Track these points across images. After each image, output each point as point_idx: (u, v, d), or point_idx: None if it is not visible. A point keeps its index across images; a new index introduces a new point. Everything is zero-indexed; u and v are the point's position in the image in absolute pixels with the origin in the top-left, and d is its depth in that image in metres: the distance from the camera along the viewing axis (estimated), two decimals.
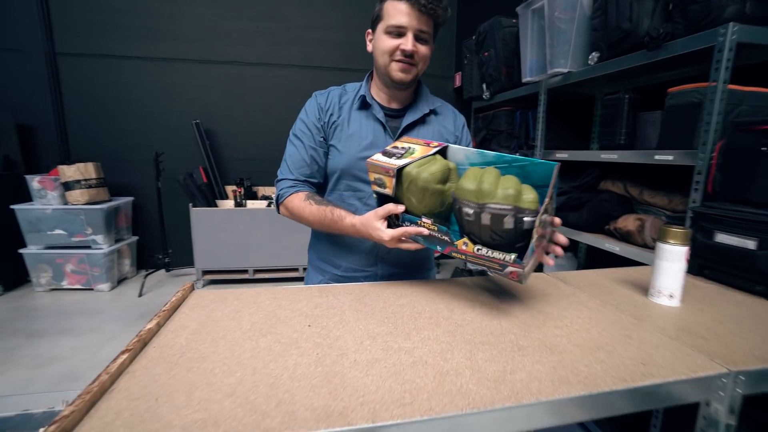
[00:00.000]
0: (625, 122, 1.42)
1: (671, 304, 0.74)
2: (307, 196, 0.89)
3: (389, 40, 0.85)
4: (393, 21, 0.83)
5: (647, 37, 1.26)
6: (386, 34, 0.84)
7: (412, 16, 0.82)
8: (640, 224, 1.30)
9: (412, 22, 0.83)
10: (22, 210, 2.65)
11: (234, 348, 0.57)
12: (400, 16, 0.82)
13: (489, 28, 2.26)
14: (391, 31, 0.84)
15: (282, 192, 0.92)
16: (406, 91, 0.94)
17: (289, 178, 0.92)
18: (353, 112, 0.93)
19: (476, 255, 0.64)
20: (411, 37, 0.84)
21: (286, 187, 0.92)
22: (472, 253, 0.64)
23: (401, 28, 0.83)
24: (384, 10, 0.84)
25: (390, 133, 0.93)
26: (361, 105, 0.93)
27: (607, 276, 0.93)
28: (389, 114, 0.94)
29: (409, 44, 0.83)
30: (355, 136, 0.91)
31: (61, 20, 2.90)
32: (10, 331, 2.22)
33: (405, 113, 0.95)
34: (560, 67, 1.65)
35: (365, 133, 0.91)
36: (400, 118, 0.95)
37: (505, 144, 2.19)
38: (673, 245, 0.72)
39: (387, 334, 0.61)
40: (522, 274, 0.61)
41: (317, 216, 0.86)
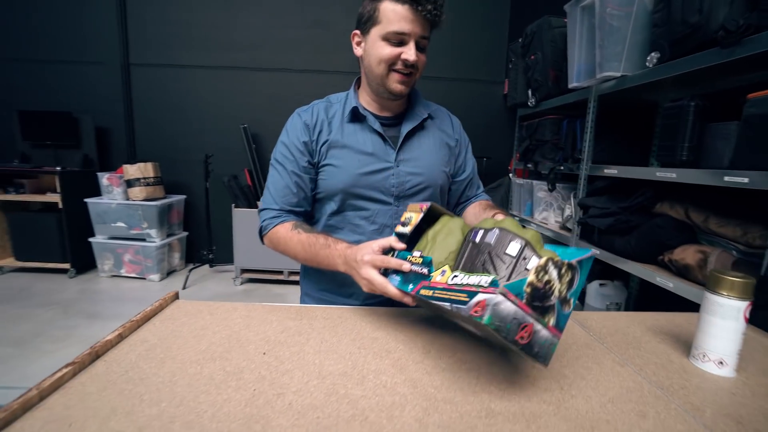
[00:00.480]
0: (688, 135, 1.19)
1: (721, 373, 0.57)
2: (294, 225, 0.82)
3: (388, 47, 0.76)
4: (393, 27, 0.74)
5: (722, 32, 1.04)
6: (384, 40, 0.76)
7: (416, 22, 0.74)
8: (702, 258, 1.08)
9: (415, 28, 0.74)
10: (93, 203, 2.97)
11: (176, 372, 0.53)
12: (402, 22, 0.74)
13: (537, 29, 2.08)
14: (390, 38, 0.75)
15: (266, 223, 0.85)
16: (402, 99, 0.86)
17: (272, 207, 0.85)
18: (345, 126, 0.85)
19: (448, 286, 0.53)
20: (413, 45, 0.75)
21: (269, 217, 0.85)
22: (444, 284, 0.54)
23: (403, 35, 0.75)
24: (381, 13, 0.75)
25: (390, 144, 0.85)
26: (352, 117, 0.85)
27: (644, 322, 0.76)
28: (384, 123, 0.87)
29: (412, 54, 0.75)
30: (354, 151, 0.83)
31: (135, 34, 3.24)
32: (74, 311, 2.49)
33: (401, 121, 0.87)
34: (612, 70, 1.45)
35: (364, 146, 0.84)
36: (397, 126, 0.87)
37: (549, 156, 1.99)
38: (728, 298, 0.56)
39: (340, 375, 0.53)
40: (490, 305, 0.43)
41: (305, 244, 0.78)
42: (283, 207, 0.85)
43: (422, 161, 0.86)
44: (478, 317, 0.43)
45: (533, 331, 0.45)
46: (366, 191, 0.84)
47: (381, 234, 0.86)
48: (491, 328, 0.43)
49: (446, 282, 0.54)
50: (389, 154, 0.85)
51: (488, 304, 0.43)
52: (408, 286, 0.60)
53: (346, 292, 0.90)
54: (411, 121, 0.86)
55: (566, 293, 0.48)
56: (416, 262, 0.61)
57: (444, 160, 0.90)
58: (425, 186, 0.87)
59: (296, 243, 0.80)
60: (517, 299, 0.44)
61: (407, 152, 0.86)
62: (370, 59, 0.79)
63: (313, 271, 0.94)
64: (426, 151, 0.88)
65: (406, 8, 0.73)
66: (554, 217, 2.04)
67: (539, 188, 2.17)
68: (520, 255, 0.51)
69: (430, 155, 0.88)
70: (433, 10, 0.73)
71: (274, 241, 0.85)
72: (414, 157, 0.86)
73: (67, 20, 3.22)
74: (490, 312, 0.43)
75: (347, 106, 0.86)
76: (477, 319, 0.44)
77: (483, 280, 0.49)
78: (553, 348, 0.46)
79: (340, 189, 0.84)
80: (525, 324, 0.44)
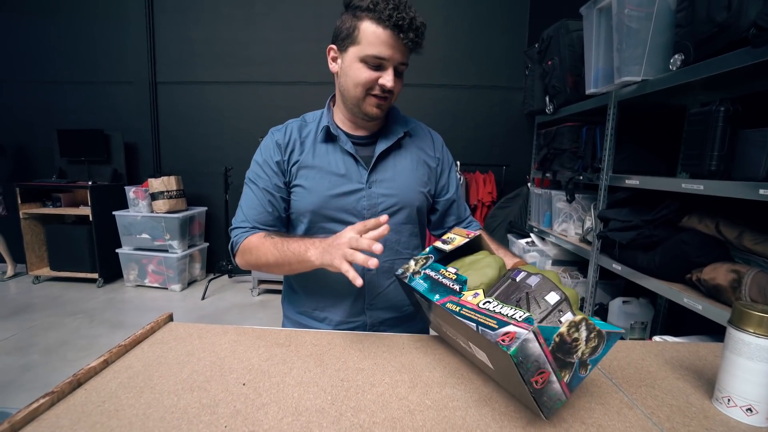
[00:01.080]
0: (718, 143, 1.10)
1: (749, 422, 0.50)
2: (265, 234, 0.79)
3: (366, 70, 0.73)
4: (373, 51, 0.71)
5: (754, 29, 0.95)
6: (362, 62, 0.72)
7: (396, 48, 0.71)
8: (735, 278, 0.98)
9: (395, 54, 0.72)
10: (120, 216, 3.11)
11: (152, 403, 0.52)
12: (382, 47, 0.71)
13: (554, 33, 2.01)
14: (369, 60, 0.72)
15: (236, 239, 0.81)
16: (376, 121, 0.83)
17: (243, 225, 0.82)
18: (317, 146, 0.82)
19: (478, 308, 0.53)
20: (392, 71, 0.73)
21: (240, 233, 0.81)
22: (474, 306, 0.54)
23: (382, 60, 0.72)
24: (361, 33, 0.71)
25: (363, 165, 0.82)
26: (325, 137, 0.82)
27: (661, 353, 0.69)
28: (358, 143, 0.83)
29: (390, 81, 0.73)
30: (324, 172, 0.80)
31: (161, 53, 3.40)
32: (100, 320, 2.59)
33: (376, 140, 0.84)
34: (632, 74, 1.36)
35: (335, 167, 0.81)
36: (372, 146, 0.83)
37: (568, 165, 1.90)
38: (756, 336, 0.49)
39: (317, 411, 0.50)
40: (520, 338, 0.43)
41: (278, 243, 0.74)
42: (256, 225, 0.82)
43: (396, 182, 0.83)
44: (504, 346, 0.44)
45: (548, 380, 0.45)
46: (336, 213, 0.81)
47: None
48: (513, 361, 0.43)
49: (477, 304, 0.54)
50: (361, 175, 0.81)
51: (518, 337, 0.44)
52: (434, 296, 0.60)
53: (319, 316, 0.87)
54: (386, 141, 0.83)
55: (588, 357, 0.47)
56: (449, 276, 0.62)
57: (422, 180, 0.86)
58: (399, 207, 0.83)
59: (268, 245, 0.75)
60: (544, 343, 0.44)
61: (380, 173, 0.82)
62: (347, 80, 0.76)
63: (292, 294, 0.92)
64: (401, 171, 0.83)
65: (389, 34, 0.70)
66: (574, 229, 1.94)
67: (558, 198, 2.07)
68: (557, 306, 0.52)
69: (406, 175, 0.84)
70: (414, 38, 0.71)
71: (245, 252, 0.79)
72: (387, 178, 0.82)
73: (101, 43, 3.43)
74: (518, 345, 0.43)
75: (321, 125, 0.83)
76: (503, 348, 0.44)
77: (518, 314, 0.49)
78: (559, 404, 0.47)
79: (310, 210, 0.81)
80: (543, 370, 0.44)
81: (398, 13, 0.68)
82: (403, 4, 0.70)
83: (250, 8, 3.30)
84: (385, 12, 0.68)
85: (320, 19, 3.29)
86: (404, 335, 0.75)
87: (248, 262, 0.80)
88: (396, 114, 0.87)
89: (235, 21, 3.32)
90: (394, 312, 0.87)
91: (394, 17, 0.68)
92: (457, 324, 0.55)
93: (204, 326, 0.77)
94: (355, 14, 0.72)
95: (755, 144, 1.04)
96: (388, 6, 0.68)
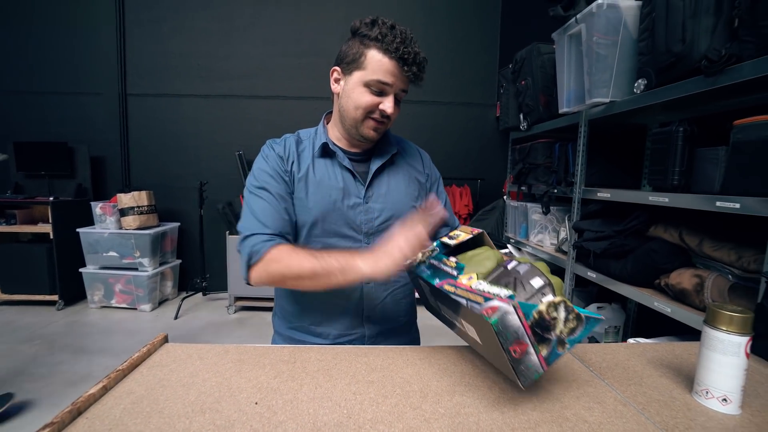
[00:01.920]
0: (678, 159, 1.21)
1: (725, 410, 0.56)
2: (293, 248, 0.75)
3: (368, 95, 0.76)
4: (377, 77, 0.75)
5: (705, 61, 1.07)
6: (365, 87, 0.76)
7: (398, 78, 0.76)
8: (698, 282, 1.07)
9: (398, 82, 0.76)
10: (85, 233, 2.94)
11: (163, 428, 0.51)
12: (386, 75, 0.75)
13: (526, 55, 2.14)
14: (373, 85, 0.76)
15: (256, 248, 0.74)
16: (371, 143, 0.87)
17: (263, 232, 0.75)
18: (316, 160, 0.84)
19: (470, 288, 0.59)
20: (392, 98, 0.77)
21: (260, 242, 0.74)
22: (467, 286, 0.60)
23: (385, 86, 0.76)
24: (367, 60, 0.75)
25: (360, 180, 0.85)
26: (322, 153, 0.85)
27: (643, 354, 0.75)
28: (354, 159, 0.87)
29: (390, 107, 0.77)
30: (324, 185, 0.83)
31: (132, 65, 3.30)
32: (60, 346, 2.41)
33: (370, 157, 0.87)
34: (601, 96, 1.48)
35: (335, 181, 0.83)
36: (367, 162, 0.87)
37: (543, 179, 2.01)
38: (728, 333, 0.55)
39: (335, 425, 0.51)
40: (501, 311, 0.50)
41: (316, 256, 0.69)
42: (279, 233, 0.76)
43: (391, 197, 0.86)
44: (487, 317, 0.50)
45: (526, 351, 0.51)
46: (335, 226, 0.83)
47: None
48: (494, 330, 0.49)
49: (470, 286, 0.60)
50: (359, 190, 0.84)
51: (499, 310, 0.50)
52: (435, 280, 0.66)
53: (316, 330, 0.88)
54: (380, 158, 0.86)
55: (566, 336, 0.53)
56: (450, 264, 0.68)
57: (413, 195, 0.90)
58: (394, 221, 0.86)
59: (303, 255, 0.71)
60: (523, 318, 0.50)
61: (376, 188, 0.86)
62: (348, 101, 0.79)
63: (285, 310, 0.91)
64: (394, 186, 0.87)
65: (394, 64, 0.74)
66: (549, 240, 2.04)
67: (534, 211, 2.18)
68: (540, 290, 0.58)
69: (399, 191, 0.87)
70: (417, 71, 0.76)
71: (272, 262, 0.72)
72: (383, 193, 0.86)
73: (66, 52, 3.28)
74: (498, 317, 0.49)
75: (317, 142, 0.85)
76: (486, 318, 0.50)
77: (502, 293, 0.55)
78: (536, 376, 0.52)
79: (310, 222, 0.82)
80: (522, 342, 0.50)
81: (405, 47, 0.73)
82: (409, 38, 0.75)
83: (229, 22, 3.29)
84: (392, 44, 0.73)
85: (300, 34, 3.33)
86: (406, 347, 0.76)
87: (272, 274, 0.73)
88: (387, 133, 0.90)
89: (213, 34, 3.29)
90: (390, 323, 0.89)
91: (401, 50, 0.73)
92: (451, 303, 0.61)
93: (203, 346, 0.76)
94: (363, 42, 0.75)
95: (710, 161, 1.16)
96: (396, 39, 0.73)
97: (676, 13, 1.13)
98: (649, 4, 1.26)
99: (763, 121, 0.95)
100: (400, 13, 3.33)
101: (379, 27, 0.75)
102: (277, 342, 0.93)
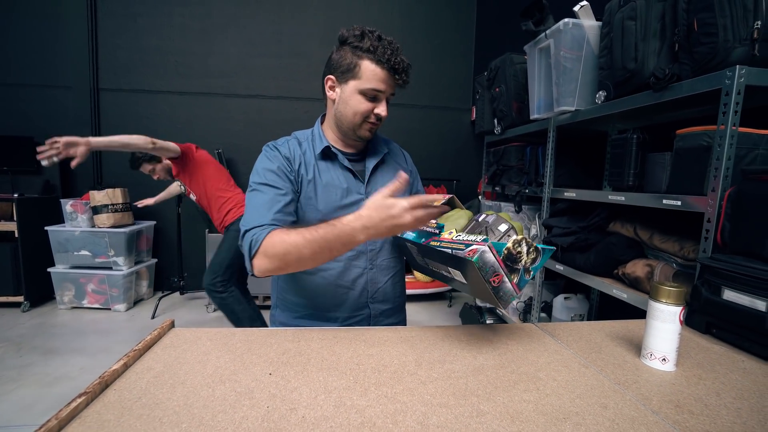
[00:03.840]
0: (633, 163, 1.37)
1: (664, 368, 0.68)
2: (287, 229, 0.76)
3: (364, 102, 0.85)
4: (371, 85, 0.84)
5: (652, 78, 1.23)
6: (361, 94, 0.85)
7: (390, 85, 0.86)
8: (649, 270, 1.23)
9: (389, 89, 0.86)
10: (54, 231, 2.83)
11: (189, 395, 0.57)
12: (379, 83, 0.84)
13: (500, 65, 2.29)
14: (368, 93, 0.84)
15: (254, 238, 0.75)
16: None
17: (262, 223, 0.77)
18: (318, 162, 0.92)
19: (452, 240, 0.71)
20: (385, 103, 0.87)
21: (258, 231, 0.76)
22: (449, 239, 0.72)
23: (378, 93, 0.85)
24: (362, 70, 0.83)
25: (359, 178, 0.94)
26: (324, 155, 0.92)
27: (603, 330, 0.87)
28: (351, 158, 0.95)
29: (384, 111, 0.87)
30: (331, 187, 0.90)
31: (105, 59, 3.20)
32: (28, 348, 2.32)
33: (364, 156, 0.97)
34: (567, 105, 1.63)
35: (338, 181, 0.92)
36: (362, 162, 0.96)
37: (515, 179, 2.15)
38: (666, 304, 0.67)
39: (344, 389, 0.59)
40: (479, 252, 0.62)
41: (309, 230, 0.71)
42: (275, 222, 0.78)
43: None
44: (470, 257, 0.62)
45: (502, 280, 0.65)
46: None
47: (357, 258, 0.93)
48: (476, 266, 0.61)
49: (451, 238, 0.72)
50: (359, 188, 0.93)
51: (478, 251, 0.62)
52: (421, 240, 0.78)
53: (325, 316, 0.94)
54: (374, 157, 0.96)
55: (530, 265, 0.68)
56: (431, 225, 0.80)
57: (406, 190, 1.00)
58: None
59: (296, 234, 0.72)
60: (496, 254, 0.63)
61: (373, 185, 0.95)
62: (346, 108, 0.87)
63: (288, 303, 0.97)
64: (388, 182, 0.96)
65: (386, 73, 0.84)
66: None
67: (507, 209, 2.33)
68: (506, 233, 0.75)
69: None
70: (406, 78, 0.86)
71: (270, 247, 0.73)
72: (380, 189, 0.94)
73: (34, 44, 3.14)
74: (478, 255, 0.62)
75: (316, 145, 0.92)
76: (468, 258, 0.62)
77: (478, 238, 0.68)
78: (512, 299, 0.67)
79: (317, 220, 0.85)
80: (498, 273, 0.64)
81: (395, 58, 0.83)
82: (396, 48, 0.84)
83: (207, 19, 3.26)
84: (384, 56, 0.82)
85: (280, 35, 3.35)
86: (399, 327, 0.85)
87: (272, 259, 0.74)
88: (377, 134, 1.00)
89: (190, 31, 3.26)
90: (390, 303, 0.99)
91: (392, 61, 0.82)
92: (439, 255, 0.73)
93: (210, 330, 0.81)
94: (356, 53, 0.84)
95: (658, 164, 1.32)
96: (386, 51, 0.82)
97: (629, 35, 1.28)
98: (608, 26, 1.41)
99: (698, 131, 1.12)
100: (380, 19, 3.43)
101: (369, 39, 0.83)
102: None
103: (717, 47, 1.07)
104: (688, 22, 1.13)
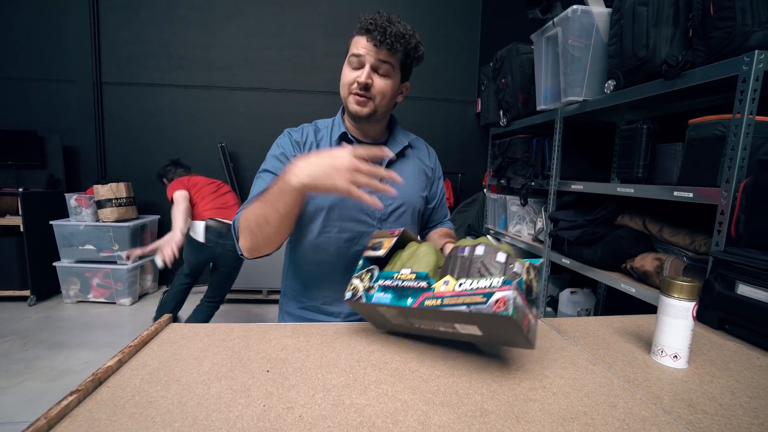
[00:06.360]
0: (642, 154, 1.33)
1: (676, 365, 0.65)
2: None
3: (349, 72, 0.84)
4: (352, 50, 0.83)
5: (664, 66, 1.19)
6: (348, 65, 0.84)
7: (369, 48, 0.82)
8: (658, 264, 1.19)
9: (371, 52, 0.82)
10: (59, 225, 2.84)
11: (184, 393, 0.55)
12: (357, 47, 0.83)
13: (506, 55, 2.23)
14: (352, 61, 0.83)
15: (235, 220, 0.79)
16: (376, 125, 0.92)
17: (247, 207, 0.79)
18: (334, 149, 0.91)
19: (457, 293, 0.57)
20: (368, 69, 0.83)
21: (239, 213, 0.79)
22: (452, 292, 0.57)
23: (360, 57, 0.82)
24: (351, 43, 0.85)
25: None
26: (340, 142, 0.91)
27: (611, 325, 0.84)
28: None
29: (363, 76, 0.82)
30: None
31: (108, 53, 3.19)
32: (35, 342, 2.34)
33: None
34: (575, 95, 1.59)
35: None
36: None
37: (521, 172, 2.11)
38: (678, 300, 0.64)
39: (343, 387, 0.57)
40: (510, 300, 0.50)
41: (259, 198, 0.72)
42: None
43: (404, 186, 0.90)
44: (503, 311, 0.50)
45: (530, 320, 0.56)
46: (351, 212, 0.89)
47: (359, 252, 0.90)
48: (513, 319, 0.50)
49: (453, 290, 0.57)
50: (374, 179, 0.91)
51: (508, 300, 0.50)
52: (406, 301, 0.61)
53: (328, 309, 0.93)
54: (393, 148, 0.93)
55: (538, 288, 0.61)
56: (408, 278, 0.64)
57: (422, 186, 0.98)
58: (405, 209, 0.94)
59: (251, 204, 0.74)
60: (522, 294, 0.54)
61: None
62: (340, 86, 0.87)
63: (293, 290, 0.96)
64: (406, 177, 0.93)
65: (362, 36, 0.82)
66: (527, 230, 2.16)
67: (512, 203, 2.29)
68: (506, 262, 0.61)
69: (410, 181, 0.95)
70: (385, 39, 0.80)
71: (242, 224, 0.76)
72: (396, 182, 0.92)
73: (37, 38, 3.14)
74: (513, 305, 0.50)
75: (335, 132, 0.91)
76: (502, 314, 0.50)
77: (494, 282, 0.54)
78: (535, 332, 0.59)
79: (328, 206, 0.87)
80: (526, 314, 0.55)
81: (371, 22, 0.80)
82: (384, 18, 0.81)
83: (209, 11, 3.23)
84: (364, 24, 0.81)
85: (282, 27, 3.31)
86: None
87: (246, 236, 0.76)
88: (398, 126, 0.98)
89: (192, 24, 3.23)
90: None
91: (366, 24, 0.80)
92: (441, 315, 0.58)
93: (207, 325, 0.79)
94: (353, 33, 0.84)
95: (669, 155, 1.28)
96: (368, 19, 0.81)
97: (641, 21, 1.24)
98: (618, 12, 1.36)
99: (712, 120, 1.07)
100: (384, 10, 3.36)
101: (367, 15, 0.82)
102: (286, 321, 0.98)
103: (734, 31, 1.02)
104: (704, 5, 1.08)
